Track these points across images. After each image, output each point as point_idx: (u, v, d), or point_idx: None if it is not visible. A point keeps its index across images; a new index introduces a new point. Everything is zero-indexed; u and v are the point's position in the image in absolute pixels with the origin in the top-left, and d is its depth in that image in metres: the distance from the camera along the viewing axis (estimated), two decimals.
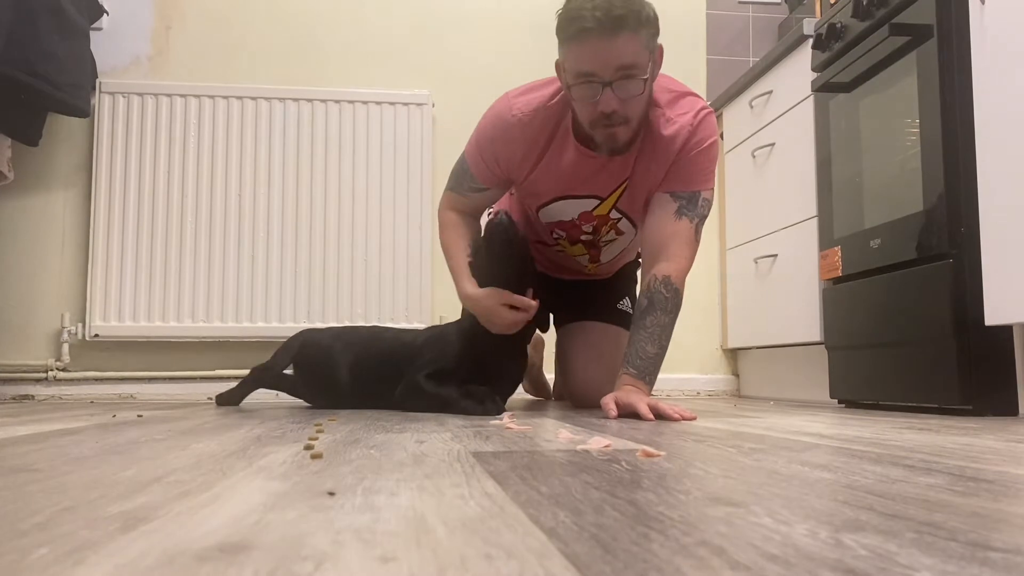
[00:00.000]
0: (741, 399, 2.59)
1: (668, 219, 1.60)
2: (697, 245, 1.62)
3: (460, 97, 2.77)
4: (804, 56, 2.22)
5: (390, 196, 2.68)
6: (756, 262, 2.51)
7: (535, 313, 1.66)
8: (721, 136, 2.85)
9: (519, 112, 1.62)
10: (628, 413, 1.43)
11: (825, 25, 2.05)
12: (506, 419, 1.31)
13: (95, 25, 2.63)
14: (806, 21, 2.20)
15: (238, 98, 2.66)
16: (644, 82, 1.47)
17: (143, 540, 0.43)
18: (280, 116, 2.67)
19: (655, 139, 1.59)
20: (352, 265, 2.66)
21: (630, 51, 1.43)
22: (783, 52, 2.34)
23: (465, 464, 0.77)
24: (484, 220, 1.83)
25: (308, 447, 0.90)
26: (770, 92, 2.43)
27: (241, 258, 2.61)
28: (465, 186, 1.74)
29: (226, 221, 2.62)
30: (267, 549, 0.41)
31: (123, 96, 2.62)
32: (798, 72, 2.26)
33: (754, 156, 2.53)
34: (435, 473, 0.70)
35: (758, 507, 0.53)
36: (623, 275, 1.99)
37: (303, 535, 0.45)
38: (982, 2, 1.57)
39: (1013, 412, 1.57)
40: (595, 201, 1.70)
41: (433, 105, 2.75)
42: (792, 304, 2.29)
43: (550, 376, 2.34)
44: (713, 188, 1.66)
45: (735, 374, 2.88)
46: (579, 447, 0.92)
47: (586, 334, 1.92)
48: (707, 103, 1.66)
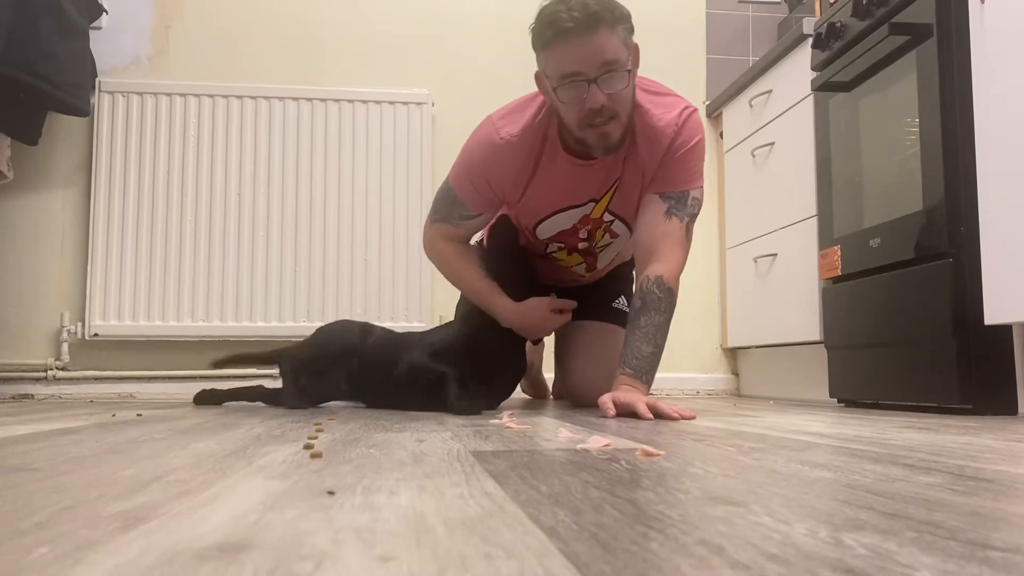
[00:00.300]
0: (741, 398, 2.59)
1: (658, 220, 1.61)
2: (689, 244, 1.63)
3: (460, 97, 2.78)
4: (804, 55, 2.22)
5: (390, 195, 2.68)
6: (756, 261, 2.51)
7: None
8: (720, 135, 2.85)
9: (507, 134, 1.62)
10: (627, 412, 1.43)
11: (825, 24, 2.05)
12: (506, 418, 1.31)
13: (95, 24, 2.62)
14: (806, 20, 2.20)
15: (238, 97, 2.66)
16: (628, 74, 1.49)
17: (143, 539, 0.43)
18: (280, 115, 2.67)
19: (641, 139, 1.60)
20: (352, 264, 2.66)
21: (610, 46, 1.46)
22: (783, 51, 2.34)
23: (465, 463, 0.77)
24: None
25: (308, 446, 0.90)
26: (770, 91, 2.43)
27: (241, 257, 2.61)
28: (455, 215, 1.72)
29: (226, 220, 2.62)
30: (267, 548, 0.41)
31: (123, 95, 2.62)
32: (798, 71, 2.26)
33: (754, 155, 2.53)
34: (435, 472, 0.70)
35: (758, 506, 0.53)
36: (617, 275, 1.99)
37: (303, 534, 0.45)
38: (982, 1, 1.57)
39: (1013, 411, 1.57)
40: (592, 205, 1.71)
41: (433, 104, 2.75)
42: (792, 303, 2.29)
43: (548, 376, 2.34)
44: (702, 186, 1.66)
45: (735, 373, 2.88)
46: (579, 446, 0.92)
47: (583, 334, 1.92)
48: (690, 103, 1.66)
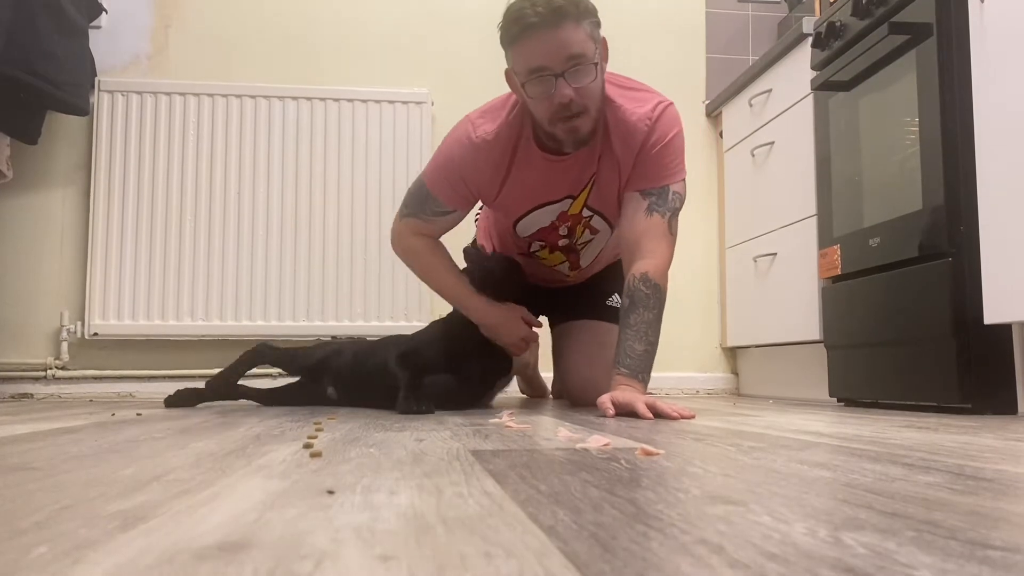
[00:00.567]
0: (740, 398, 2.59)
1: (640, 217, 1.61)
2: (673, 238, 1.62)
3: (459, 96, 2.77)
4: (803, 55, 2.22)
5: (389, 195, 2.68)
6: (755, 261, 2.51)
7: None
8: (720, 135, 2.85)
9: (483, 133, 1.62)
10: (626, 412, 1.43)
11: (824, 23, 2.05)
12: (505, 417, 1.31)
13: (94, 24, 2.62)
14: (805, 20, 2.20)
15: (237, 96, 2.66)
16: (595, 67, 1.50)
17: (142, 539, 0.43)
18: (280, 114, 2.67)
19: (615, 134, 1.61)
20: (351, 264, 2.66)
21: (576, 40, 1.47)
22: (782, 51, 2.34)
23: (464, 462, 0.77)
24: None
25: (307, 445, 0.90)
26: (769, 91, 2.43)
27: (240, 257, 2.61)
28: (428, 211, 1.70)
29: (225, 220, 2.62)
30: (266, 548, 0.41)
31: (122, 95, 2.62)
32: (797, 71, 2.26)
33: (753, 155, 2.53)
34: (434, 472, 0.70)
35: (757, 505, 0.53)
36: (610, 274, 1.97)
37: (302, 533, 0.45)
38: (981, 1, 1.57)
39: (1012, 411, 1.57)
40: (569, 201, 1.71)
41: (432, 103, 2.75)
42: (791, 303, 2.29)
43: (547, 375, 2.34)
44: (684, 179, 1.66)
45: (734, 372, 2.88)
46: (578, 446, 0.92)
47: (580, 333, 1.92)
48: (665, 97, 1.66)
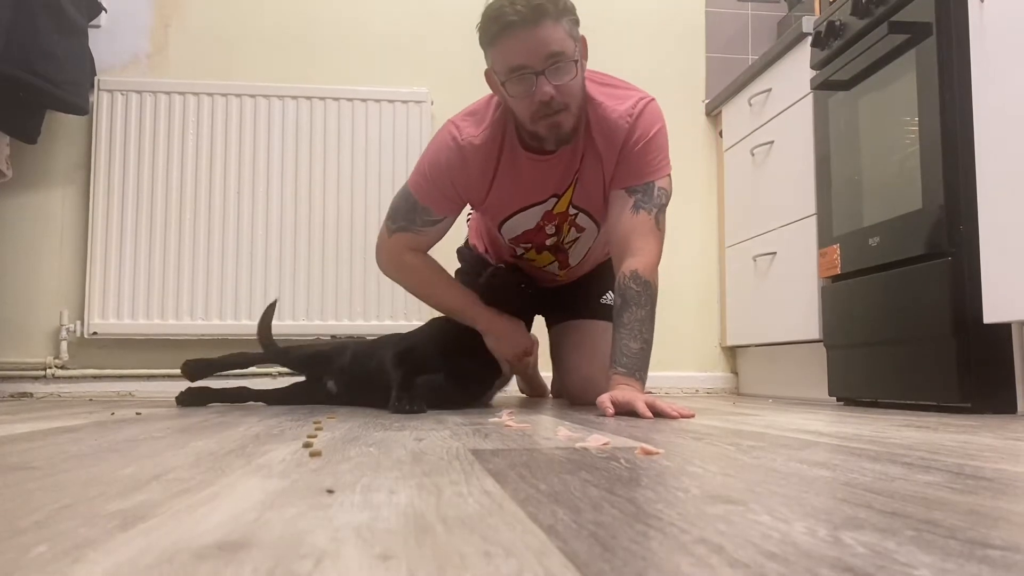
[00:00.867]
0: (740, 397, 2.59)
1: (626, 215, 1.61)
2: (661, 234, 1.62)
3: (459, 95, 2.75)
4: (803, 54, 2.22)
5: (389, 194, 2.64)
6: (755, 260, 2.51)
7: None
8: (720, 134, 2.85)
9: (468, 136, 1.63)
10: (626, 411, 1.43)
11: (824, 23, 2.05)
12: (505, 417, 1.31)
13: (94, 23, 2.62)
14: (805, 19, 2.20)
15: (237, 96, 2.66)
16: (575, 64, 1.50)
17: (142, 538, 0.43)
18: (279, 114, 2.67)
19: (596, 131, 1.62)
20: (351, 263, 2.66)
21: (555, 38, 1.48)
22: (782, 50, 2.34)
23: (464, 462, 0.77)
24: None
25: (307, 445, 0.90)
26: (769, 90, 2.43)
27: (240, 256, 2.61)
28: (418, 221, 1.69)
29: (225, 219, 2.62)
30: (266, 547, 0.41)
31: (122, 94, 2.62)
32: (797, 70, 2.26)
33: (753, 154, 2.53)
34: (434, 471, 0.70)
35: (757, 505, 0.53)
36: (603, 272, 1.96)
37: (302, 533, 0.45)
38: (981, 0, 1.57)
39: (1011, 410, 1.57)
40: (554, 200, 1.71)
41: (432, 103, 2.75)
42: (791, 302, 2.29)
43: (547, 375, 2.34)
44: (669, 175, 1.66)
45: (734, 372, 2.88)
46: (578, 445, 0.92)
47: (577, 332, 1.92)
48: (646, 94, 1.66)
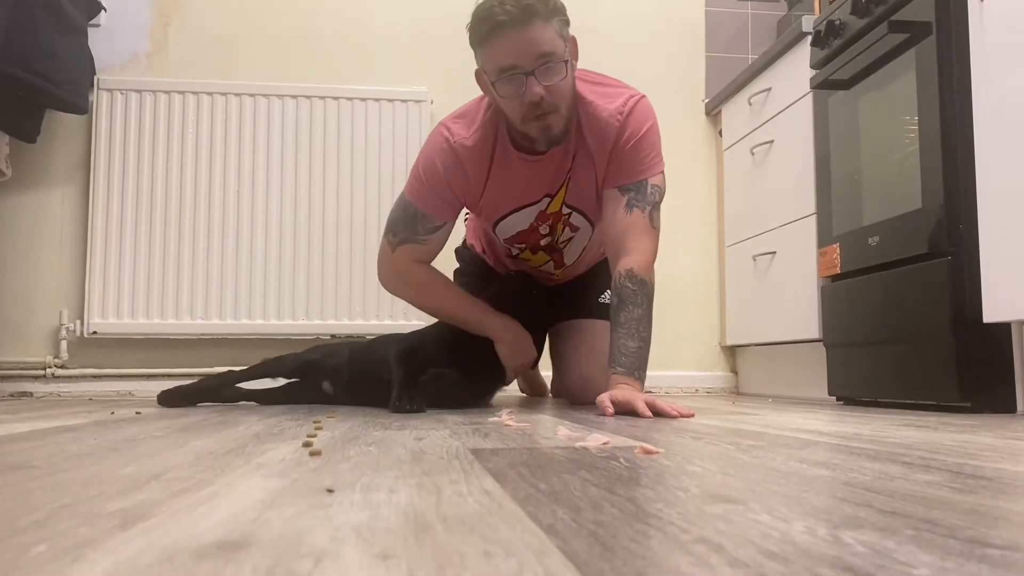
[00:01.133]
0: (739, 396, 2.59)
1: (620, 214, 1.61)
2: (656, 232, 1.62)
3: (459, 95, 2.74)
4: (803, 53, 2.22)
5: (389, 193, 2.68)
6: (755, 259, 2.51)
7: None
8: (720, 133, 2.85)
9: (461, 138, 1.62)
10: (625, 411, 1.43)
11: (824, 22, 2.05)
12: (504, 416, 1.31)
13: (93, 22, 2.62)
14: (805, 18, 2.20)
15: (236, 95, 2.66)
16: (565, 65, 1.50)
17: (141, 537, 0.43)
18: (279, 113, 2.67)
19: (587, 130, 1.61)
20: (351, 263, 2.65)
21: (545, 39, 1.47)
22: (782, 49, 2.34)
23: (464, 461, 0.77)
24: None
25: (307, 444, 0.90)
26: (769, 89, 2.43)
27: (240, 255, 2.61)
28: (420, 230, 1.67)
29: (224, 218, 2.62)
30: (266, 546, 0.41)
31: (121, 93, 2.62)
32: (797, 69, 2.26)
33: (753, 153, 2.53)
34: (434, 470, 0.70)
35: (756, 504, 0.53)
36: (601, 270, 1.96)
37: (302, 532, 0.45)
38: None
39: (1011, 409, 1.57)
40: (547, 200, 1.72)
41: (432, 102, 2.75)
42: (791, 301, 2.29)
43: (547, 374, 2.34)
44: (662, 171, 1.66)
45: (733, 371, 2.88)
46: (577, 444, 0.92)
47: (576, 332, 1.92)
48: (636, 91, 1.65)
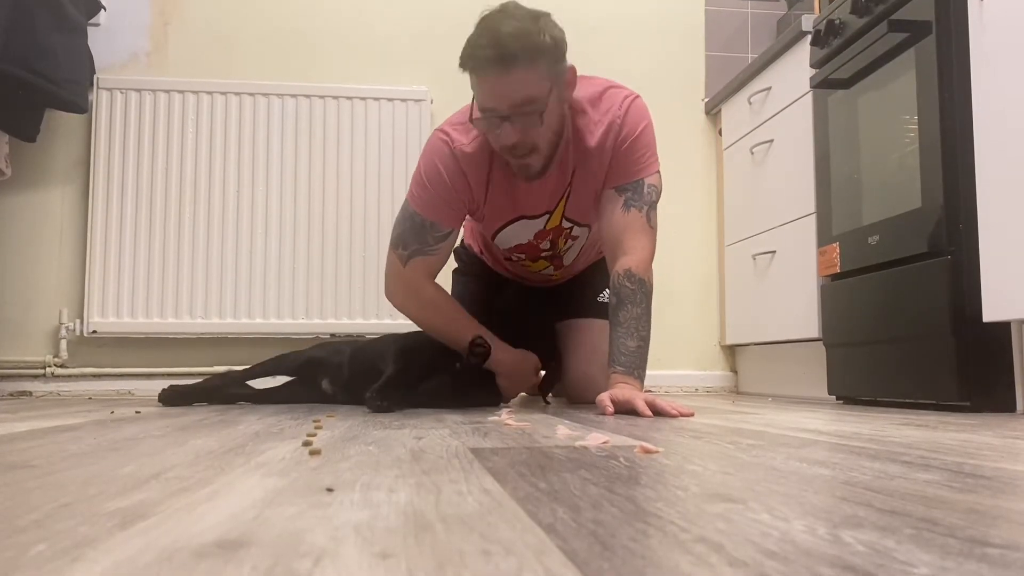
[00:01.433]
0: (739, 395, 2.59)
1: (618, 214, 1.61)
2: (653, 231, 1.62)
3: (459, 94, 2.73)
4: (803, 52, 2.22)
5: (388, 193, 2.68)
6: (754, 258, 2.51)
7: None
8: (720, 133, 2.85)
9: (460, 143, 1.62)
10: (625, 410, 1.43)
11: (824, 21, 2.05)
12: (504, 415, 1.31)
13: (93, 21, 2.62)
14: (805, 17, 2.20)
15: (236, 94, 2.66)
16: (542, 116, 1.48)
17: (141, 537, 0.43)
18: (279, 112, 2.67)
19: (586, 146, 1.60)
20: (351, 262, 2.65)
21: (524, 87, 1.45)
22: (782, 48, 2.34)
23: (463, 460, 0.77)
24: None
25: (306, 443, 0.90)
26: (768, 89, 2.43)
27: (239, 254, 2.61)
28: (429, 239, 1.65)
29: (224, 217, 2.62)
30: (265, 545, 0.41)
31: (121, 92, 2.61)
32: (797, 69, 2.26)
33: (752, 153, 2.53)
34: (433, 469, 0.70)
35: (756, 503, 0.53)
36: (599, 269, 1.95)
37: (302, 531, 0.45)
38: None
39: (1011, 408, 1.57)
40: (546, 217, 1.71)
41: (432, 101, 2.75)
42: (790, 300, 2.29)
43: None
44: (658, 171, 1.65)
45: (733, 370, 2.88)
46: (577, 443, 0.92)
47: (574, 332, 1.92)
48: (630, 91, 1.64)
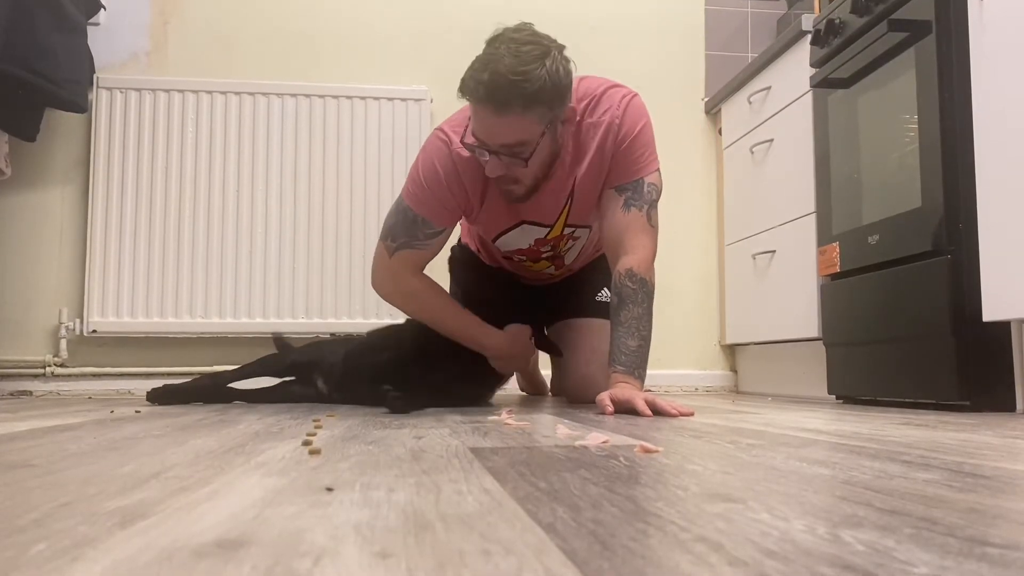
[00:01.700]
0: (739, 395, 2.59)
1: (618, 214, 1.61)
2: (654, 230, 1.62)
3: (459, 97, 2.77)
4: (803, 52, 2.22)
5: (388, 192, 2.67)
6: (754, 258, 2.51)
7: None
8: (720, 132, 2.85)
9: (459, 147, 1.61)
10: (625, 409, 1.43)
11: (824, 21, 2.05)
12: (504, 415, 1.31)
13: (92, 20, 2.61)
14: (805, 17, 2.20)
15: (236, 93, 2.66)
16: (528, 159, 1.49)
17: (141, 536, 0.43)
18: (278, 111, 2.67)
19: (587, 151, 1.61)
20: (351, 261, 2.65)
21: (515, 132, 1.46)
22: (782, 48, 2.34)
23: (463, 460, 0.77)
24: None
25: (306, 443, 0.90)
26: (768, 88, 2.43)
27: (239, 254, 2.61)
28: (420, 235, 1.65)
29: (224, 217, 2.62)
30: (265, 545, 0.41)
31: (120, 91, 2.61)
32: (796, 68, 2.26)
33: (752, 152, 2.53)
34: (433, 469, 0.70)
35: (756, 503, 0.53)
36: (598, 267, 1.95)
37: (301, 531, 0.45)
38: None
39: (1010, 408, 1.57)
40: (545, 228, 1.72)
41: (432, 101, 2.75)
42: (790, 300, 2.29)
43: (546, 373, 2.34)
44: (657, 169, 1.65)
45: (733, 370, 2.88)
46: (577, 443, 0.92)
47: (575, 331, 1.92)
48: (628, 90, 1.64)
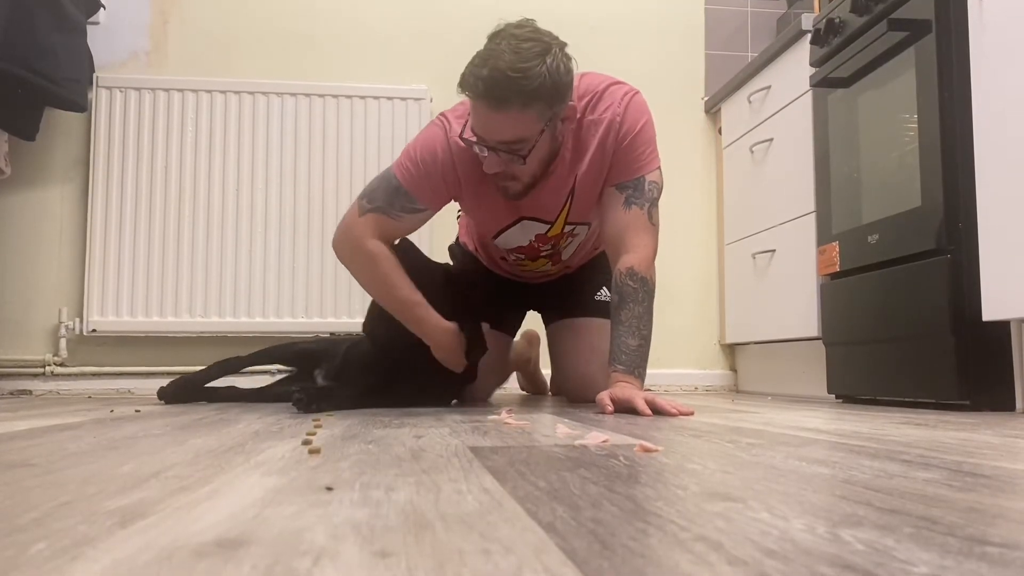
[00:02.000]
0: (739, 394, 2.59)
1: (619, 212, 1.61)
2: (655, 229, 1.61)
3: (458, 93, 2.76)
4: (802, 51, 2.22)
5: None
6: (754, 257, 2.51)
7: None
8: (719, 131, 2.85)
9: (457, 137, 1.60)
10: (625, 409, 1.43)
11: (824, 20, 2.05)
12: (504, 414, 1.31)
13: (92, 20, 2.61)
14: (804, 16, 2.20)
15: (236, 93, 2.66)
16: (526, 156, 1.49)
17: (141, 535, 0.43)
18: (278, 111, 2.67)
19: (588, 149, 1.60)
20: None
21: (513, 129, 1.46)
22: (781, 47, 2.34)
23: (463, 459, 0.77)
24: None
25: (306, 442, 0.90)
26: (768, 87, 2.43)
27: (239, 253, 2.61)
28: (397, 206, 1.60)
29: (224, 216, 2.62)
30: (265, 544, 0.41)
31: (120, 91, 2.61)
32: (796, 67, 2.26)
33: (752, 151, 2.53)
34: (433, 468, 0.70)
35: (756, 502, 0.53)
36: (597, 266, 1.95)
37: (301, 530, 0.45)
38: None
39: (1010, 407, 1.57)
40: (545, 225, 1.71)
41: (431, 100, 2.75)
42: (790, 299, 2.29)
43: (546, 372, 2.34)
44: (659, 167, 1.65)
45: (733, 369, 2.88)
46: (577, 442, 0.92)
47: (574, 330, 1.92)
48: (629, 87, 1.63)
